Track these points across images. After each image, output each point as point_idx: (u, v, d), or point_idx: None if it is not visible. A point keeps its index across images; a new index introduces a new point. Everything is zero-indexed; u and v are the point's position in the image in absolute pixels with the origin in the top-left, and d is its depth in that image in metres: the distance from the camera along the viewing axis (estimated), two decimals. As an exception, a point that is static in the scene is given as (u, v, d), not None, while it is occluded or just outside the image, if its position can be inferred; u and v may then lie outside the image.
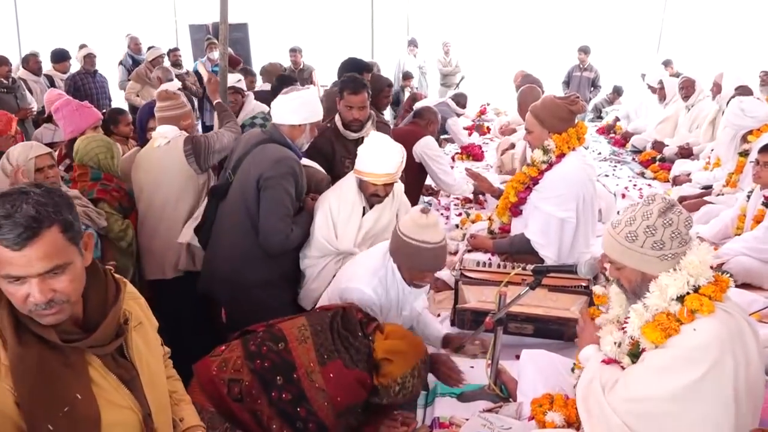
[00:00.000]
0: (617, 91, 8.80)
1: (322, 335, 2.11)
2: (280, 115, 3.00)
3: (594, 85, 8.98)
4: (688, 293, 1.68)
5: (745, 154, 4.45)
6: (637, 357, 1.75)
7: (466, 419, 2.21)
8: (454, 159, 6.00)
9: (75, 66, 7.46)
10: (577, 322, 2.15)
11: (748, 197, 3.66)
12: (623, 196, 4.84)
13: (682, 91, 6.10)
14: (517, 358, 2.44)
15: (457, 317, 2.80)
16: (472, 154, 6.05)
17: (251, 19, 10.34)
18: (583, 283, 2.78)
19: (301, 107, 2.97)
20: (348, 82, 3.49)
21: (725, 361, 1.61)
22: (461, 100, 6.16)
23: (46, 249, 1.28)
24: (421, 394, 2.35)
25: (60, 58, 7.35)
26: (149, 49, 8.12)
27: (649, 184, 5.27)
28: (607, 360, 1.83)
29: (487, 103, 8.55)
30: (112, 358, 1.45)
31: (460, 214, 4.31)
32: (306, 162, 3.24)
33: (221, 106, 3.81)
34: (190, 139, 3.30)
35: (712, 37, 10.07)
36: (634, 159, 6.13)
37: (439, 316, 2.98)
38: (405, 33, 10.94)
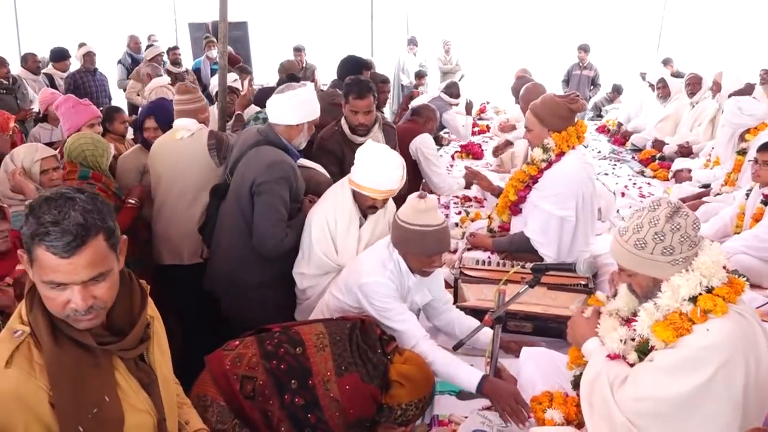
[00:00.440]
0: (617, 90, 8.78)
1: (341, 345, 2.10)
2: (277, 115, 2.90)
3: (594, 83, 8.96)
4: (701, 294, 1.68)
5: (743, 152, 4.45)
6: (645, 353, 1.74)
7: (465, 417, 2.22)
8: (453, 157, 6.01)
9: (75, 65, 7.45)
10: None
11: (747, 195, 3.65)
12: (623, 194, 4.84)
13: (688, 88, 6.07)
14: (517, 356, 2.45)
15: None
16: (472, 152, 6.05)
17: (251, 18, 10.35)
18: (582, 282, 2.78)
19: (298, 106, 2.88)
20: (353, 86, 3.40)
21: (737, 362, 1.61)
22: (454, 90, 6.07)
23: (92, 257, 1.27)
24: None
25: (59, 56, 7.33)
26: (148, 48, 8.12)
27: (649, 183, 5.26)
28: (613, 355, 1.82)
29: (487, 102, 8.55)
30: (134, 362, 1.46)
31: (460, 213, 4.31)
32: (307, 163, 3.21)
33: (240, 118, 4.04)
34: (213, 134, 3.42)
35: (712, 35, 10.06)
36: (633, 157, 6.12)
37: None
38: (404, 32, 10.93)
